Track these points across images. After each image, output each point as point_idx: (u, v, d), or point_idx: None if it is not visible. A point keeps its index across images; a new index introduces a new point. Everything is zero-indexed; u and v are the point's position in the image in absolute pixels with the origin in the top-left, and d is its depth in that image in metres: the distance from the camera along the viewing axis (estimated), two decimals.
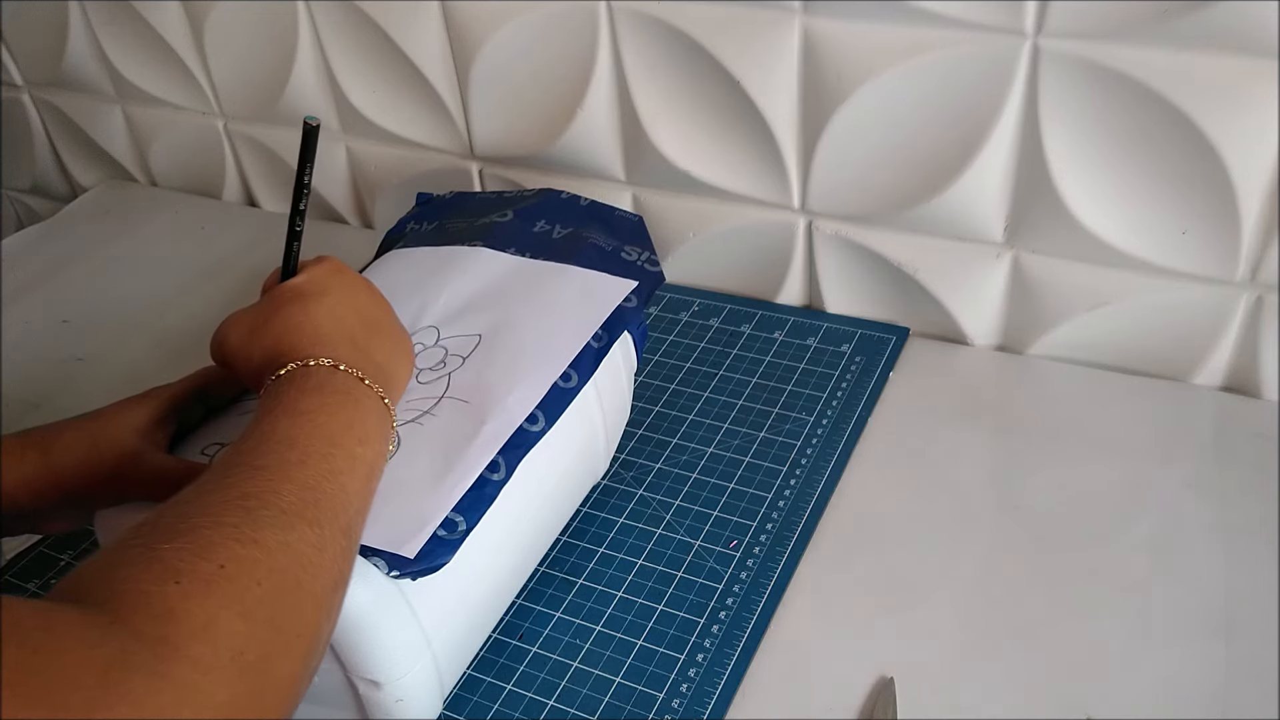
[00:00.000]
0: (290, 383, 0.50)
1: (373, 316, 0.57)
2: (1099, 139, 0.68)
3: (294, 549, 0.41)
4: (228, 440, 0.58)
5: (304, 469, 0.45)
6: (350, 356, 0.53)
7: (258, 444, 0.46)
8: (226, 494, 0.42)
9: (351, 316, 0.55)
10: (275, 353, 0.53)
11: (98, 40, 1.06)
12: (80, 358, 0.92)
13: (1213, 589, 0.62)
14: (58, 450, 0.55)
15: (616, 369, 0.67)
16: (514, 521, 0.60)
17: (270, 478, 0.44)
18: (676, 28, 0.76)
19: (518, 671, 0.62)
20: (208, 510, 0.41)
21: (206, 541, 0.39)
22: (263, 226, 1.07)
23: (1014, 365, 0.79)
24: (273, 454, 0.45)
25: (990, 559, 0.65)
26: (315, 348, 0.52)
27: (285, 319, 0.54)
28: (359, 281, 0.58)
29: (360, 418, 0.50)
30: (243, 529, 0.40)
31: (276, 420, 0.47)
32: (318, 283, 0.56)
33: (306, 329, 0.53)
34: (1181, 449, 0.70)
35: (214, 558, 0.39)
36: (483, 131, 0.91)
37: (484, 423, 0.57)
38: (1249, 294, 0.71)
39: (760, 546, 0.67)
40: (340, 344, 0.53)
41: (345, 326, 0.54)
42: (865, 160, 0.76)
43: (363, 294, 0.58)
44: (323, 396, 0.49)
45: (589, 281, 0.66)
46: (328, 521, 0.44)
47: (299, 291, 0.55)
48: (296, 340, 0.53)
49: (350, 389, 0.51)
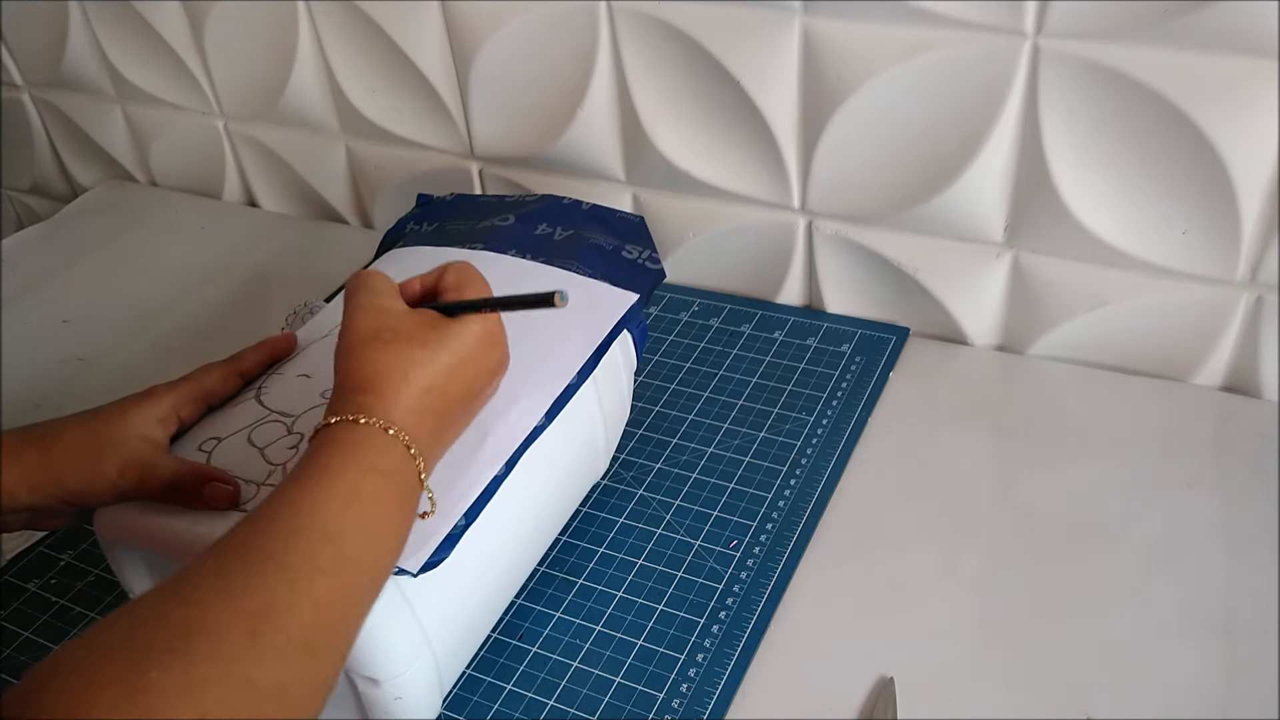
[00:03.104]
0: (363, 451, 0.46)
1: (474, 399, 0.52)
2: (1099, 139, 0.68)
3: (287, 691, 0.38)
4: (224, 435, 0.58)
5: (330, 581, 0.41)
6: (428, 440, 0.49)
7: (295, 530, 0.42)
8: (239, 603, 0.38)
9: (460, 393, 0.50)
10: (365, 380, 0.48)
11: (98, 40, 1.06)
12: (80, 358, 0.92)
13: (1213, 589, 0.62)
14: (58, 448, 0.55)
15: (616, 368, 0.67)
16: (514, 521, 0.60)
17: (293, 589, 0.40)
18: (676, 28, 0.76)
19: (518, 671, 0.62)
20: (213, 623, 0.37)
21: (199, 678, 0.36)
22: (263, 226, 1.07)
23: (1014, 365, 0.79)
24: (307, 551, 0.41)
25: (990, 559, 0.65)
26: (405, 413, 0.48)
27: (403, 358, 0.49)
28: (499, 359, 0.53)
29: (402, 528, 0.47)
30: (241, 665, 0.37)
31: (331, 503, 0.43)
32: (461, 346, 0.50)
33: (413, 387, 0.48)
34: (1181, 449, 0.70)
35: (200, 702, 0.35)
36: (483, 131, 0.91)
37: (487, 435, 0.56)
38: (1249, 294, 0.71)
39: (760, 546, 0.67)
40: (427, 419, 0.49)
41: (445, 403, 0.50)
42: (865, 160, 0.76)
43: (486, 374, 0.52)
44: (385, 487, 0.46)
45: (592, 292, 0.66)
46: (330, 650, 0.41)
47: (440, 342, 0.50)
48: (395, 392, 0.48)
49: (409, 490, 0.47)
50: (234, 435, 0.58)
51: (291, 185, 1.07)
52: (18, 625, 0.68)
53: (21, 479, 0.54)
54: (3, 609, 0.69)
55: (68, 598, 0.70)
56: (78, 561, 0.72)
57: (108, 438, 0.55)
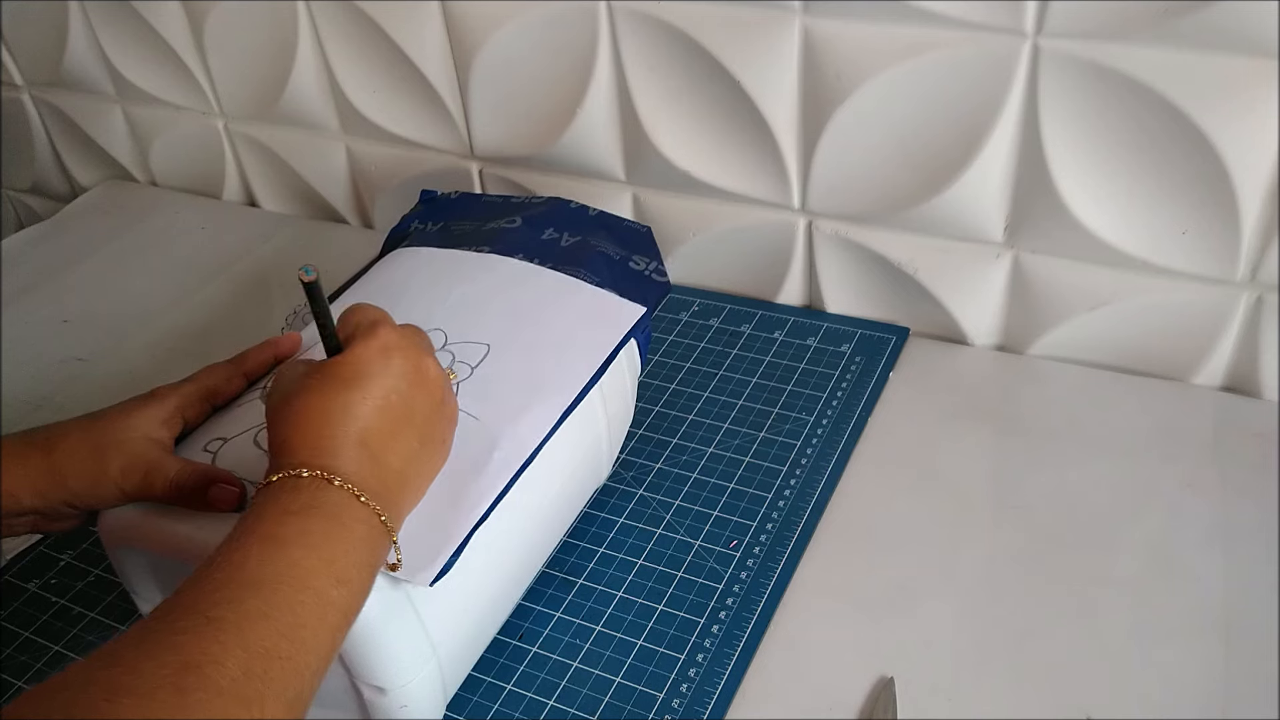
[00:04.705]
0: (275, 498, 0.46)
1: (405, 411, 0.51)
2: (1099, 139, 0.68)
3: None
4: (230, 435, 0.58)
5: (263, 625, 0.41)
6: (354, 465, 0.48)
7: (221, 582, 0.42)
8: (165, 659, 0.38)
9: (374, 414, 0.49)
10: (277, 445, 0.49)
11: (98, 40, 1.06)
12: (80, 358, 0.92)
13: (1212, 589, 0.62)
14: (62, 451, 0.55)
15: (621, 374, 0.67)
16: (519, 529, 0.59)
17: (221, 639, 0.39)
18: (676, 28, 0.76)
19: (518, 671, 0.62)
20: (139, 686, 0.37)
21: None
22: (263, 226, 1.07)
23: (1014, 365, 0.79)
24: (233, 601, 0.41)
25: (990, 559, 0.65)
26: (315, 454, 0.47)
27: (299, 408, 0.49)
28: (407, 366, 0.51)
29: (344, 550, 0.45)
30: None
31: (249, 550, 0.43)
32: (354, 366, 0.50)
33: (313, 425, 0.48)
34: (1181, 449, 0.71)
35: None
36: (483, 131, 0.91)
37: (495, 448, 0.56)
38: (1249, 294, 0.71)
39: (760, 546, 0.67)
40: (346, 448, 0.48)
41: (361, 425, 0.49)
42: (865, 160, 0.76)
43: (405, 382, 0.51)
44: (306, 521, 0.45)
45: (601, 303, 0.65)
46: (271, 697, 0.40)
47: (326, 376, 0.50)
48: (300, 439, 0.48)
49: (340, 511, 0.46)
50: (239, 436, 0.58)
51: (291, 185, 1.07)
52: (18, 625, 0.68)
53: (25, 483, 0.54)
54: (3, 609, 0.69)
55: (68, 598, 0.70)
56: (78, 561, 0.72)
57: (111, 439, 0.55)
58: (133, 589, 0.59)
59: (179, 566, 0.55)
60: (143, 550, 0.56)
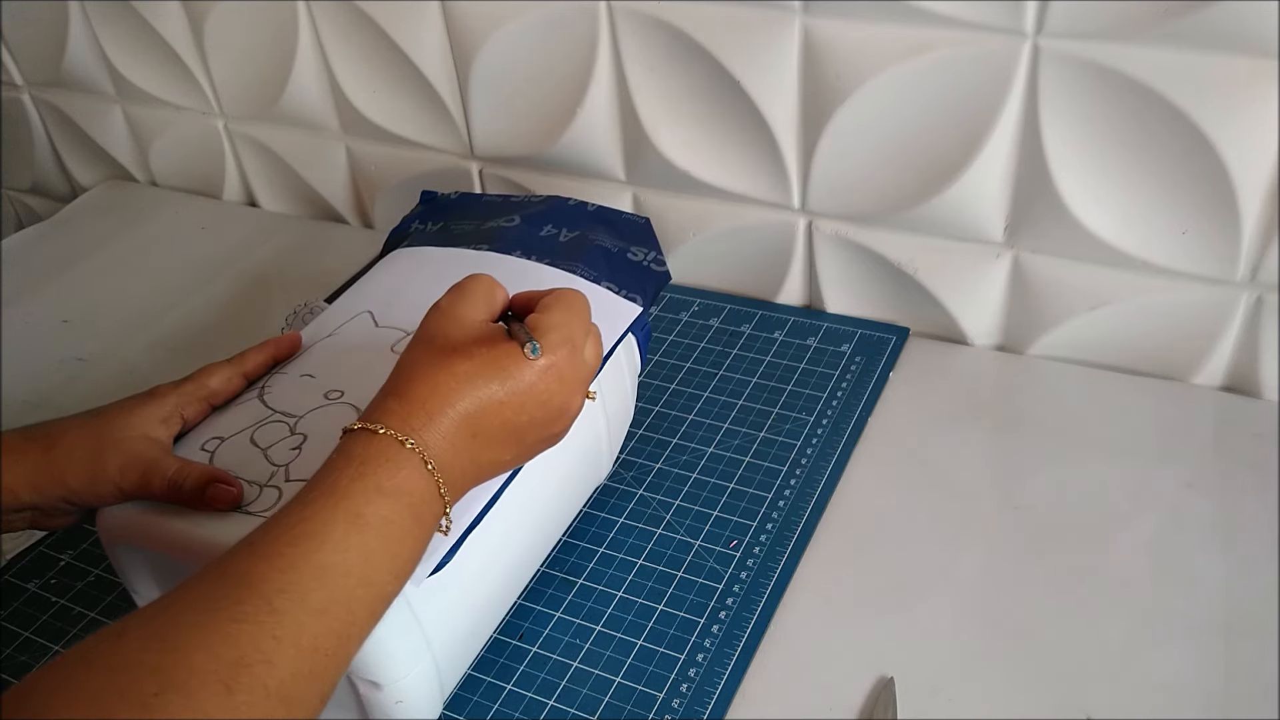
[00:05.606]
0: (375, 457, 0.45)
1: (524, 429, 0.50)
2: (1099, 139, 0.68)
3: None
4: (227, 435, 0.58)
5: (319, 623, 0.40)
6: (452, 454, 0.47)
7: (293, 561, 0.41)
8: (219, 652, 0.37)
9: (499, 417, 0.48)
10: (403, 385, 0.47)
11: (98, 40, 1.06)
12: (80, 358, 0.92)
13: (1213, 589, 0.62)
14: (61, 447, 0.55)
15: (621, 372, 0.67)
16: (517, 526, 0.59)
17: (278, 634, 0.39)
18: (676, 28, 0.76)
19: (518, 671, 0.62)
20: (188, 682, 0.36)
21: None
22: (263, 226, 1.07)
23: (1014, 365, 0.79)
24: (298, 589, 0.40)
25: (990, 559, 0.65)
26: (428, 422, 0.46)
27: (448, 367, 0.47)
28: (558, 400, 0.50)
29: (411, 547, 0.45)
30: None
31: (332, 527, 0.42)
32: (519, 367, 0.48)
33: (449, 392, 0.47)
34: (1181, 449, 0.71)
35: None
36: (483, 131, 0.91)
37: None
38: (1249, 294, 0.71)
39: (760, 546, 0.67)
40: (459, 435, 0.47)
41: (484, 421, 0.47)
42: (865, 160, 0.76)
43: (544, 411, 0.49)
44: (392, 509, 0.44)
45: (598, 300, 0.65)
46: (310, 698, 0.40)
47: (491, 360, 0.48)
48: (429, 394, 0.46)
49: (423, 509, 0.46)
50: (237, 435, 0.58)
51: (291, 185, 1.07)
52: (18, 625, 0.68)
53: (24, 478, 0.54)
54: (3, 609, 0.69)
55: (68, 598, 0.70)
56: (78, 561, 0.72)
57: (110, 437, 0.55)
58: (132, 587, 0.59)
59: (177, 564, 0.55)
60: (141, 548, 0.56)
